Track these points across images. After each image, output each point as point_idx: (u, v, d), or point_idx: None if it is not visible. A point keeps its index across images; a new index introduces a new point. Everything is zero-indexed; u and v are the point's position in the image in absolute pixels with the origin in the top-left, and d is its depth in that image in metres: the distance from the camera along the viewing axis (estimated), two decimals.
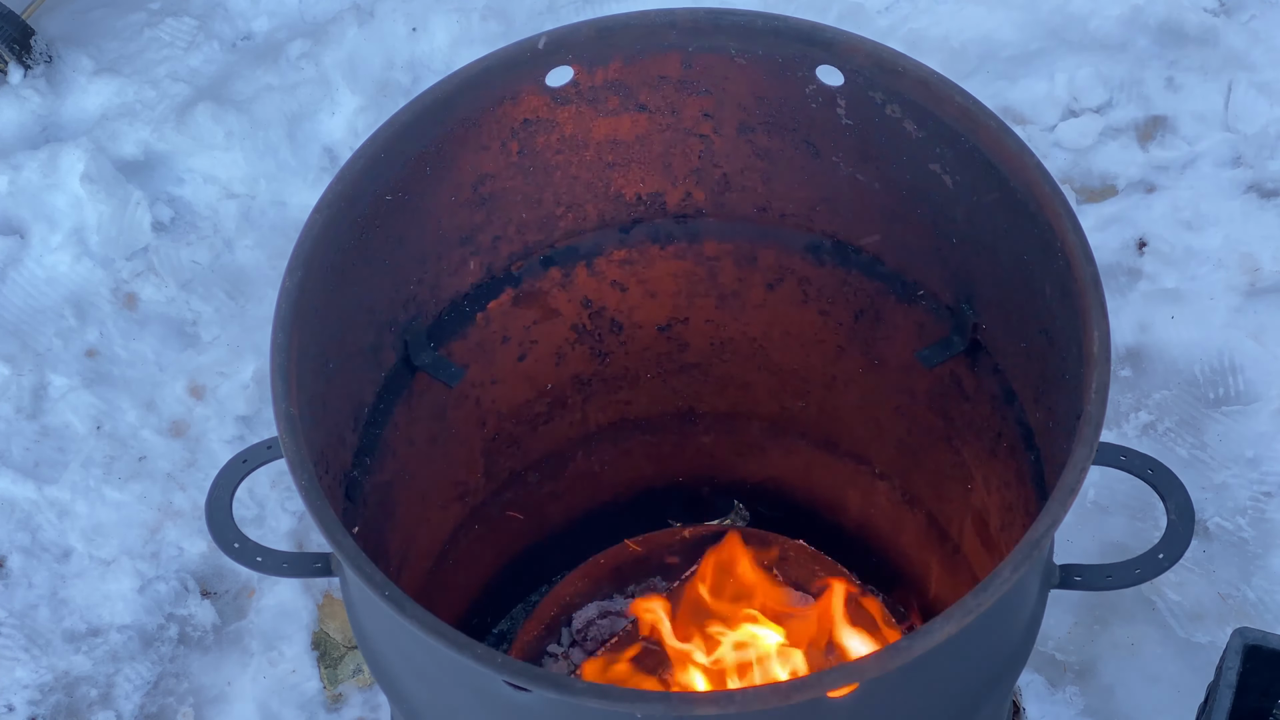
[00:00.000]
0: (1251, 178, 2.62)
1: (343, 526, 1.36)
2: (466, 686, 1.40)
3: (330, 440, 1.59)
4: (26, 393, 2.43)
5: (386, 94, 2.74)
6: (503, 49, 1.63)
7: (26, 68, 2.74)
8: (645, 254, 1.85)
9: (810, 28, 1.62)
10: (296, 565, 1.55)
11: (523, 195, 1.75)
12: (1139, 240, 2.58)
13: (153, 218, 2.62)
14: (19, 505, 2.34)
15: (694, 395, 2.01)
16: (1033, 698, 2.14)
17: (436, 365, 1.76)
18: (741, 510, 2.12)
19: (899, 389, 1.85)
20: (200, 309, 2.56)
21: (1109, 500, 2.31)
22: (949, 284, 1.73)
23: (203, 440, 2.41)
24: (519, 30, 2.77)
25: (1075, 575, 1.52)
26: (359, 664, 2.22)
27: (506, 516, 2.00)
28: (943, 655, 1.32)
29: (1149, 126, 2.69)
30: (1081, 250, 1.46)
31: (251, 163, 2.68)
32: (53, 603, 2.26)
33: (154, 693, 2.22)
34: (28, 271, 2.56)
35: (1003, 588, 1.30)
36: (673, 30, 1.65)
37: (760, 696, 1.26)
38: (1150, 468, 1.57)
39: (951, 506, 1.89)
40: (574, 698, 1.27)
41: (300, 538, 2.33)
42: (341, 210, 1.55)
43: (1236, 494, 2.31)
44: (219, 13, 2.89)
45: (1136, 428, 2.38)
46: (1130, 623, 2.21)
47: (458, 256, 1.75)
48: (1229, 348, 2.45)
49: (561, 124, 1.70)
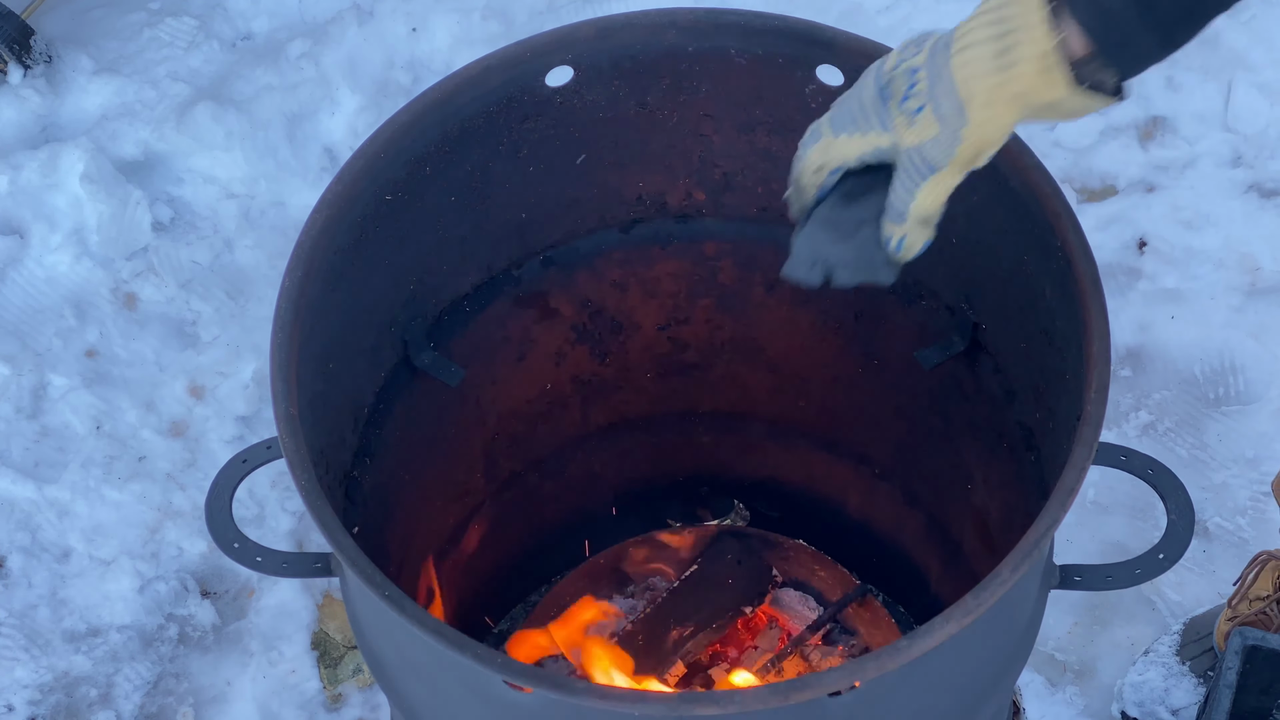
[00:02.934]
0: (1251, 178, 2.62)
1: (343, 526, 1.36)
2: (466, 686, 1.40)
3: (330, 440, 1.59)
4: (26, 393, 2.43)
5: (386, 94, 2.74)
6: (503, 49, 1.63)
7: (26, 68, 2.74)
8: (645, 254, 1.85)
9: (810, 28, 1.62)
10: (296, 565, 1.55)
11: (523, 195, 1.75)
12: (1139, 240, 2.58)
13: (153, 218, 2.62)
14: (19, 505, 2.33)
15: (694, 395, 2.01)
16: (1033, 698, 2.14)
17: (436, 365, 1.76)
18: (741, 510, 2.12)
19: (899, 389, 1.85)
20: (200, 309, 2.56)
21: (1109, 500, 2.31)
22: (949, 284, 1.73)
23: (202, 440, 2.41)
24: (519, 30, 2.77)
25: (1075, 575, 1.52)
26: (359, 664, 2.22)
27: (506, 516, 2.00)
28: (943, 655, 1.32)
29: (1149, 126, 2.69)
30: (1081, 250, 1.46)
31: (251, 163, 2.68)
32: (52, 603, 2.26)
33: (154, 693, 2.22)
34: (28, 271, 2.56)
35: (1003, 588, 1.30)
36: (673, 30, 1.64)
37: (760, 696, 1.26)
38: (1150, 468, 1.57)
39: (951, 506, 1.89)
40: (574, 698, 1.27)
41: (300, 538, 2.33)
42: (341, 210, 1.55)
43: (1236, 494, 2.31)
44: (219, 13, 2.88)
45: (1136, 428, 2.39)
46: (1130, 623, 2.21)
47: (458, 256, 1.75)
48: (1229, 348, 2.45)
49: (561, 124, 1.70)
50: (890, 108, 1.24)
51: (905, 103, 1.23)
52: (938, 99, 1.21)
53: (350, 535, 1.36)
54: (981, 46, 1.17)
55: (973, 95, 1.19)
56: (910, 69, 1.22)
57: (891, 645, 1.27)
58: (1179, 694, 2.06)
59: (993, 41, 1.17)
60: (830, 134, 1.28)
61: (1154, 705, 2.07)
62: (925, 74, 1.21)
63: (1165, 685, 2.07)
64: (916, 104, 1.22)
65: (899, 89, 1.23)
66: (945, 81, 1.20)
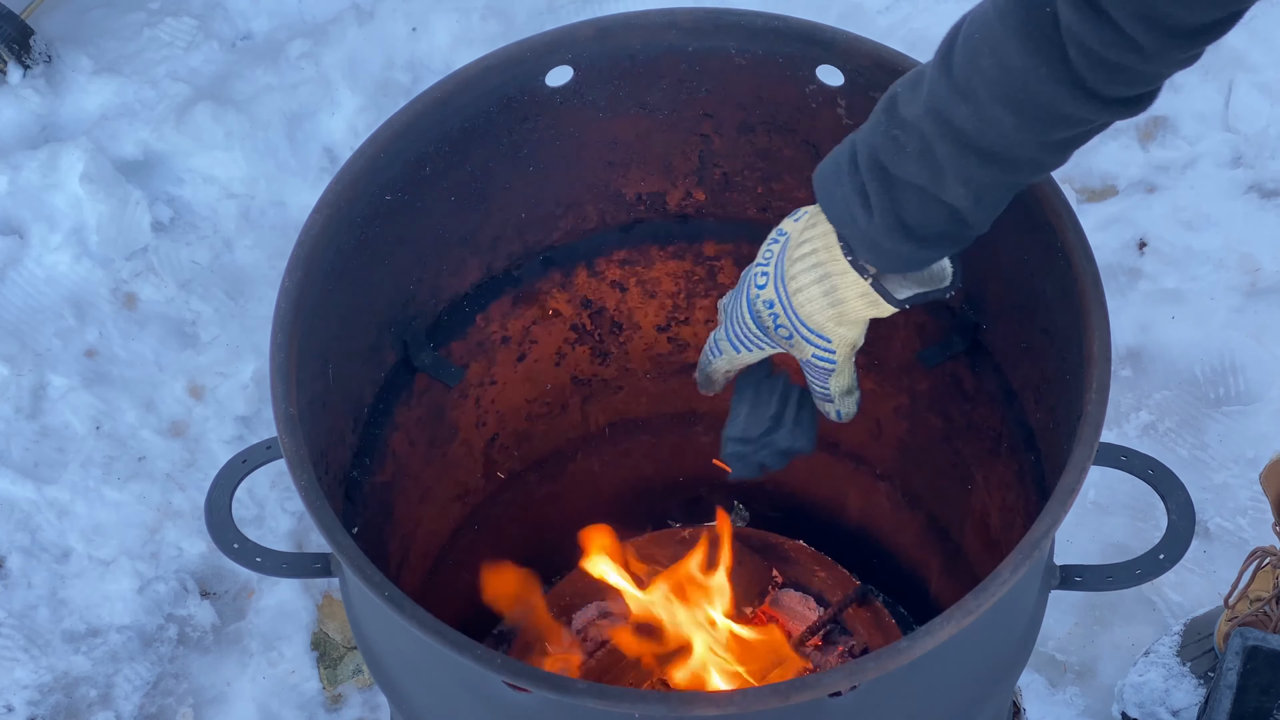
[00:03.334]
0: (1252, 178, 2.62)
1: (342, 526, 1.36)
2: (466, 686, 1.40)
3: (330, 440, 1.59)
4: (26, 393, 2.43)
5: (386, 94, 2.74)
6: (503, 49, 1.63)
7: (26, 68, 2.73)
8: (645, 254, 1.85)
9: (810, 28, 1.62)
10: (296, 565, 1.55)
11: (523, 195, 1.75)
12: (1139, 240, 2.58)
13: (152, 218, 2.62)
14: (19, 505, 2.33)
15: (694, 395, 1.99)
16: (1033, 698, 2.14)
17: (436, 365, 1.76)
18: (741, 510, 2.12)
19: (899, 389, 1.85)
20: (200, 309, 2.56)
21: (1109, 500, 2.31)
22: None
23: (202, 440, 2.41)
24: (519, 30, 2.77)
25: (1076, 576, 1.52)
26: (359, 664, 2.22)
27: (507, 517, 2.00)
28: (943, 655, 1.32)
29: (1149, 126, 2.69)
30: (1082, 250, 1.46)
31: (251, 163, 2.68)
32: (52, 603, 2.26)
33: (153, 693, 2.22)
34: (27, 271, 2.56)
35: (1003, 588, 1.30)
36: (673, 30, 1.64)
37: (760, 696, 1.26)
38: (1151, 468, 1.57)
39: (952, 507, 1.89)
40: (574, 698, 1.27)
41: (300, 538, 2.33)
42: (341, 210, 1.55)
43: (1237, 494, 2.31)
44: (219, 13, 2.88)
45: (1137, 428, 2.38)
46: (1130, 623, 2.21)
47: (457, 256, 1.75)
48: (1229, 348, 2.45)
49: (561, 124, 1.70)
50: (769, 334, 1.43)
51: (778, 331, 1.42)
52: (797, 328, 1.40)
53: (350, 535, 1.36)
54: (811, 289, 1.37)
55: (822, 325, 1.38)
56: (767, 302, 1.41)
57: (891, 646, 1.27)
58: (1179, 695, 2.06)
59: (818, 284, 1.36)
60: (732, 351, 1.49)
61: (1154, 706, 2.06)
62: (780, 308, 1.40)
63: (1166, 686, 2.07)
64: (786, 333, 1.41)
65: (766, 323, 1.42)
66: (795, 317, 1.40)
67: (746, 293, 1.43)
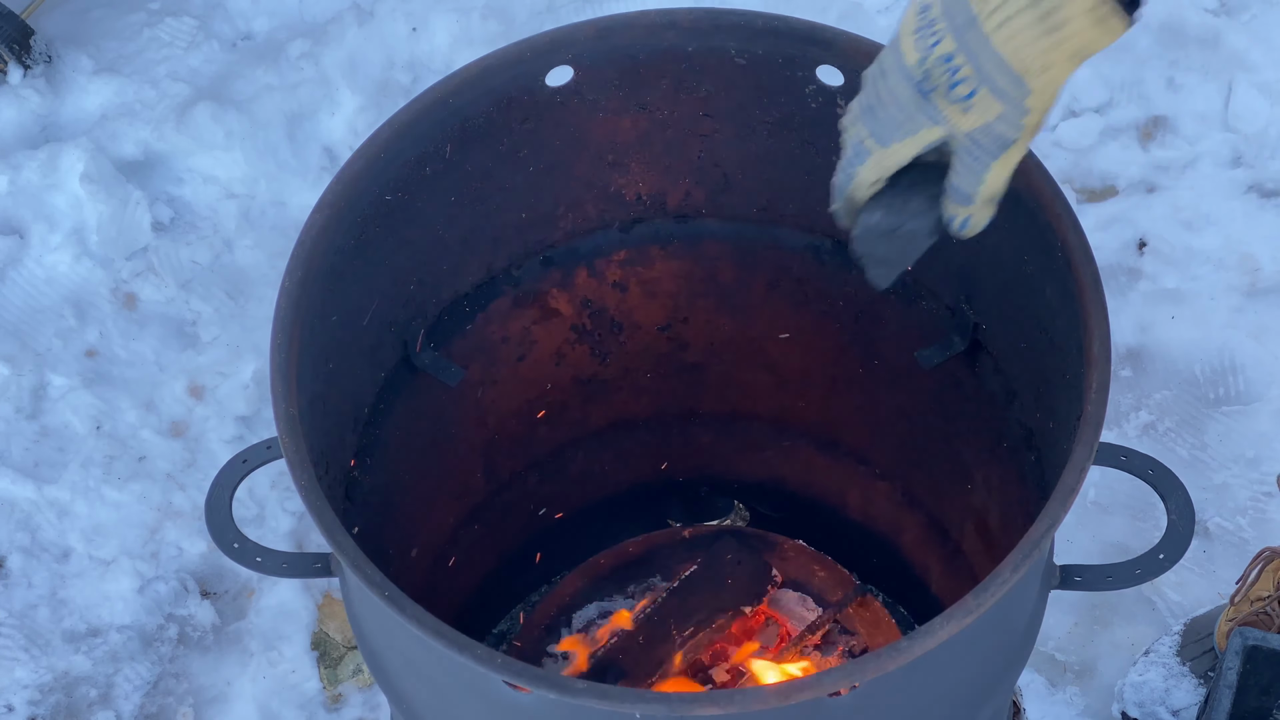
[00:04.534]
0: (1252, 178, 2.62)
1: (343, 526, 1.36)
2: (466, 686, 1.40)
3: (330, 440, 1.59)
4: (26, 393, 2.43)
5: (386, 94, 2.74)
6: (503, 49, 1.63)
7: (26, 68, 2.74)
8: (645, 254, 1.85)
9: (810, 28, 1.62)
10: (296, 565, 1.55)
11: (523, 195, 1.75)
12: (1139, 240, 2.58)
13: (152, 218, 2.62)
14: (19, 505, 2.34)
15: (694, 395, 2.01)
16: (1033, 698, 2.14)
17: (436, 365, 1.76)
18: (741, 510, 2.12)
19: (899, 389, 1.85)
20: (200, 309, 2.56)
21: (1109, 500, 2.31)
22: (949, 284, 1.73)
23: (202, 440, 2.41)
24: (519, 30, 2.77)
25: (1075, 576, 1.52)
26: (359, 664, 2.22)
27: (506, 516, 2.00)
28: (943, 655, 1.32)
29: (1149, 126, 2.69)
30: (1081, 250, 1.46)
31: (251, 163, 2.68)
32: (52, 603, 2.26)
33: (154, 693, 2.22)
34: (27, 271, 2.56)
35: (1003, 588, 1.30)
36: (673, 30, 1.64)
37: (760, 696, 1.26)
38: (1150, 468, 1.57)
39: (952, 506, 1.89)
40: (574, 698, 1.27)
41: (300, 538, 2.33)
42: (341, 210, 1.55)
43: (1237, 494, 2.31)
44: (219, 12, 2.89)
45: (1137, 428, 2.39)
46: (1130, 623, 2.21)
47: (457, 256, 1.75)
48: (1229, 348, 2.45)
49: (561, 124, 1.70)
50: (935, 100, 1.21)
51: (953, 90, 1.20)
52: (991, 78, 1.18)
53: (350, 535, 1.36)
54: (1022, 15, 1.15)
55: (1028, 65, 1.16)
56: (943, 56, 1.19)
57: (891, 645, 1.27)
58: (1179, 694, 2.06)
59: (1032, 8, 1.14)
60: (879, 147, 1.26)
61: (1154, 706, 2.07)
62: (963, 57, 1.18)
63: (1166, 685, 2.07)
64: (967, 89, 1.19)
65: (940, 80, 1.20)
66: (992, 59, 1.17)
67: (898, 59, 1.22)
